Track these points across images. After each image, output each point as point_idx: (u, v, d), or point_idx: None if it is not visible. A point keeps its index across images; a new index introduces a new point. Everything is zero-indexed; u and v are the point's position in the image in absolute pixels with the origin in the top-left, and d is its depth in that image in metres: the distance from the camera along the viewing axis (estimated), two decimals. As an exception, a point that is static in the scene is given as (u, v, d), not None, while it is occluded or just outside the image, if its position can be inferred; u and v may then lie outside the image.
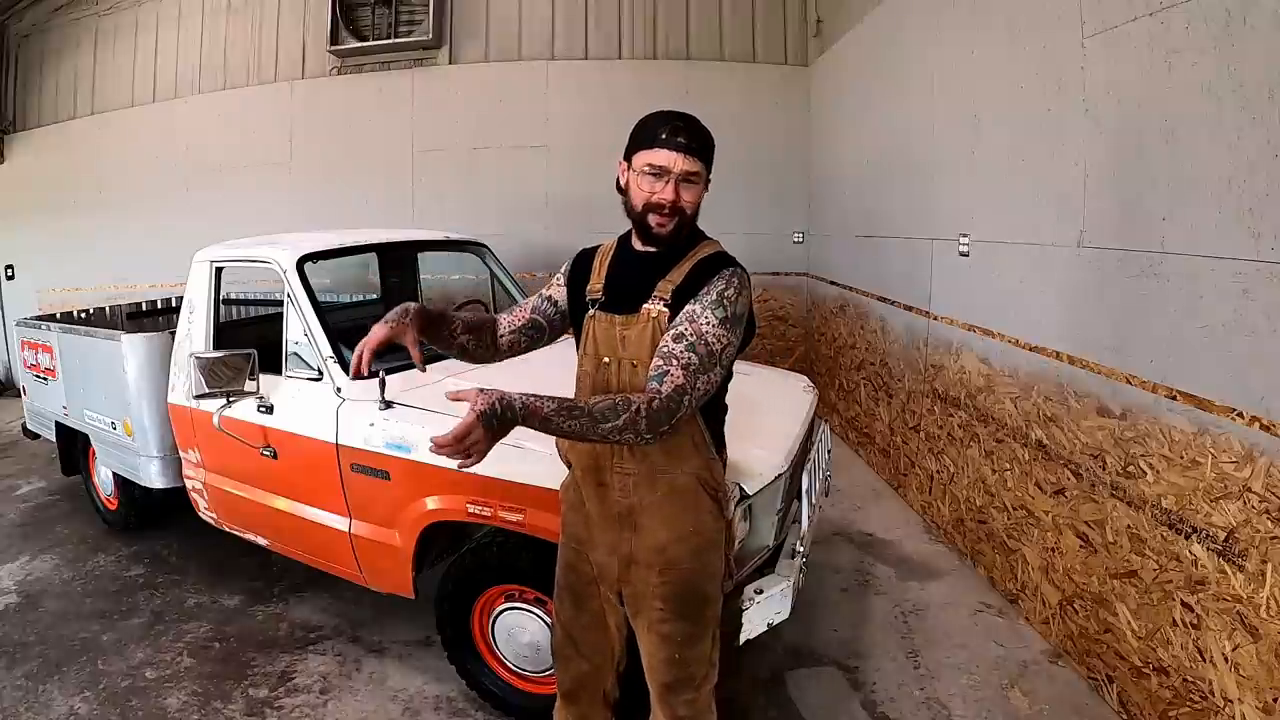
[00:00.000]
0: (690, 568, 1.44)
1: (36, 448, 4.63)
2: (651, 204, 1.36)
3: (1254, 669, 1.66)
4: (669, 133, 1.34)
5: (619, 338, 1.41)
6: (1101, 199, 2.20)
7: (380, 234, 3.45)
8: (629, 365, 1.40)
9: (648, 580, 1.44)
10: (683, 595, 1.44)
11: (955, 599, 2.84)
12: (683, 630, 1.45)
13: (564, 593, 1.57)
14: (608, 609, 1.53)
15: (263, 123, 5.92)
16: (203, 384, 2.41)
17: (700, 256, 1.42)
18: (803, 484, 2.17)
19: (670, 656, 1.45)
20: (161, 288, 5.37)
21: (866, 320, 4.34)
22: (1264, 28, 1.61)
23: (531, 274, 5.20)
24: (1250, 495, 1.66)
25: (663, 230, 1.37)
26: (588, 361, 1.45)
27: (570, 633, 1.56)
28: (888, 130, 3.99)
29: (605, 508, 1.46)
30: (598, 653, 1.56)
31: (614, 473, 1.44)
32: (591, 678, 1.58)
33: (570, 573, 1.55)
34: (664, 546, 1.43)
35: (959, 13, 3.07)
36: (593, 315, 1.45)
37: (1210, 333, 1.79)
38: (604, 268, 1.50)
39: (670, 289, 1.38)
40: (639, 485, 1.42)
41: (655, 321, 1.38)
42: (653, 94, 5.28)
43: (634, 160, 1.38)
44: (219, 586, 3.06)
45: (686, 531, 1.43)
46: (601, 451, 1.44)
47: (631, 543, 1.45)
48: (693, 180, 1.36)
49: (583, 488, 1.49)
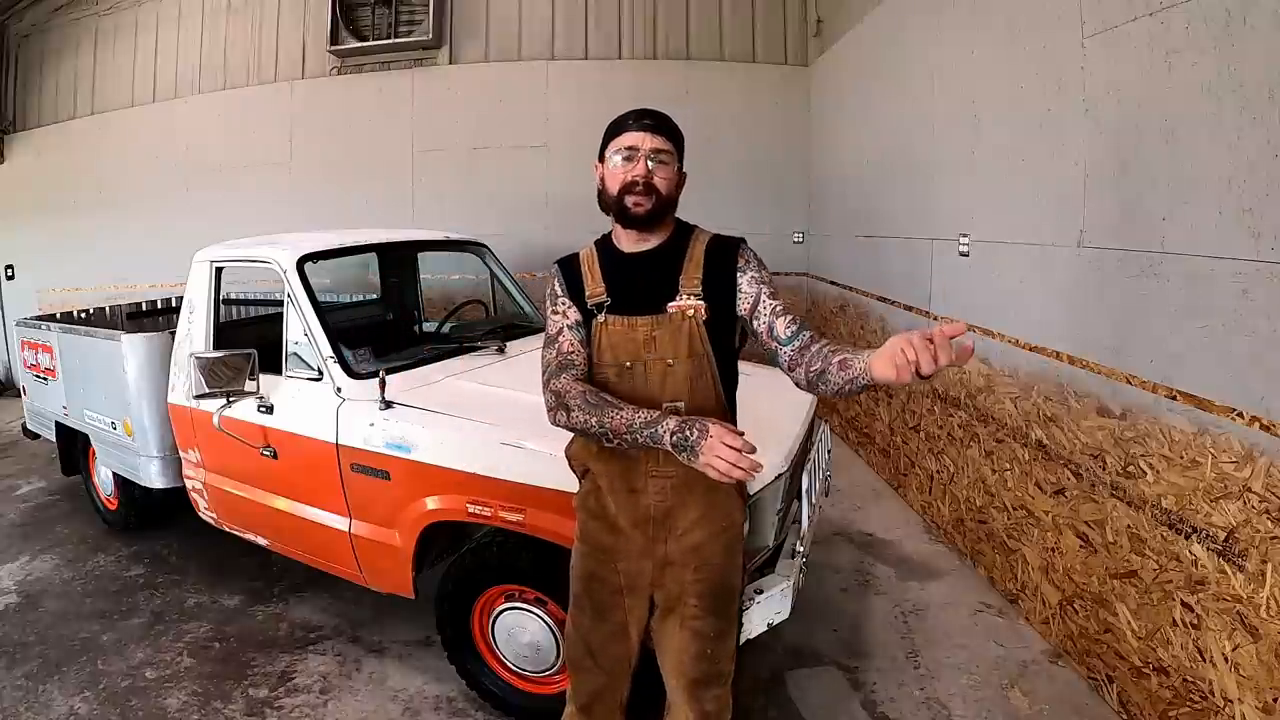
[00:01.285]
0: (722, 564, 1.47)
1: (36, 448, 4.63)
2: (626, 183, 1.39)
3: (1254, 669, 1.66)
4: (635, 117, 1.42)
5: (644, 339, 1.41)
6: (1101, 199, 2.20)
7: (380, 234, 3.45)
8: (661, 365, 1.40)
9: (682, 579, 1.45)
10: (716, 591, 1.46)
11: (955, 599, 2.84)
12: (715, 626, 1.46)
13: (584, 603, 1.53)
14: (631, 620, 1.50)
15: (263, 123, 5.92)
16: (203, 384, 2.41)
17: (704, 242, 1.46)
18: (803, 484, 2.17)
19: (702, 652, 1.46)
20: (161, 288, 5.38)
21: (867, 320, 4.34)
22: (1264, 28, 1.61)
23: (531, 274, 5.20)
24: (1250, 495, 1.66)
25: (640, 209, 1.39)
26: (607, 370, 1.44)
27: (589, 644, 1.52)
28: (888, 130, 3.99)
29: (638, 513, 1.45)
30: (617, 664, 1.53)
31: (650, 478, 1.43)
32: (608, 689, 1.55)
33: (593, 583, 1.51)
34: (700, 545, 1.44)
35: (959, 13, 3.07)
36: (603, 321, 1.44)
37: (1210, 333, 1.79)
38: (597, 272, 1.49)
39: (697, 280, 1.41)
40: (678, 488, 1.42)
41: (692, 319, 1.40)
42: (653, 94, 5.27)
43: (606, 155, 1.44)
44: (219, 586, 3.06)
45: (719, 528, 1.46)
46: (634, 458, 1.43)
47: (668, 545, 1.44)
48: (664, 160, 1.40)
49: (609, 496, 1.47)
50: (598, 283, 1.47)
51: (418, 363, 2.59)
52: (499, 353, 2.79)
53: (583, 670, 1.55)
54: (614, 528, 1.47)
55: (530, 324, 3.27)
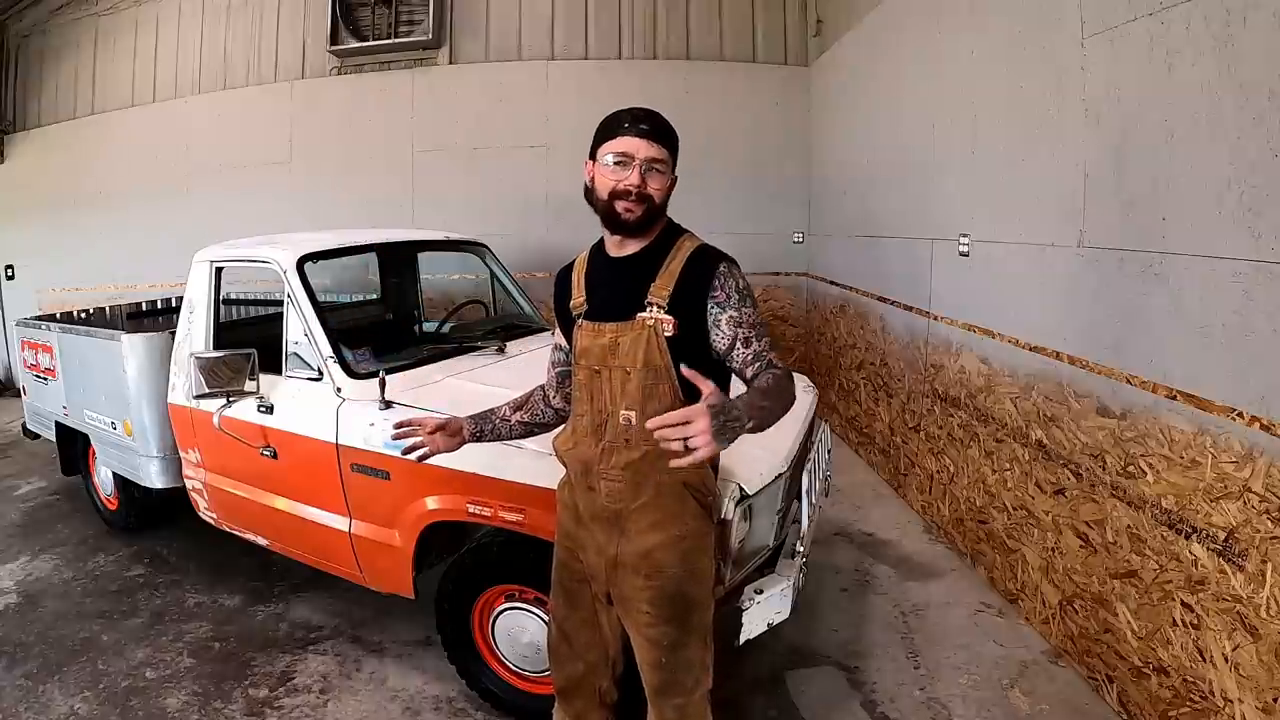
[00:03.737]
0: (676, 572, 1.42)
1: (36, 448, 4.63)
2: (618, 190, 1.35)
3: (1254, 669, 1.66)
4: (630, 121, 1.36)
5: (610, 345, 1.40)
6: (1101, 199, 2.20)
7: (380, 234, 3.45)
8: (621, 372, 1.39)
9: (634, 584, 1.43)
10: (669, 599, 1.43)
11: (955, 599, 2.84)
12: (669, 634, 1.43)
13: (558, 590, 1.58)
14: (599, 608, 1.53)
15: (263, 123, 5.92)
16: (203, 384, 2.41)
17: (685, 254, 1.40)
18: (803, 484, 2.17)
19: (657, 660, 1.45)
20: (161, 288, 5.38)
21: (866, 320, 4.34)
22: (1264, 28, 1.61)
23: (531, 274, 5.20)
24: (1250, 495, 1.66)
25: (631, 216, 1.36)
26: (582, 372, 1.46)
27: (564, 630, 1.57)
28: (888, 130, 3.99)
29: (594, 510, 1.46)
30: (591, 650, 1.56)
31: (602, 478, 1.43)
32: (586, 676, 1.58)
33: (563, 570, 1.56)
34: (649, 551, 1.42)
35: (959, 13, 3.07)
36: (580, 325, 1.45)
37: (1210, 333, 1.79)
38: (582, 279, 1.50)
39: (666, 294, 1.37)
40: (625, 491, 1.41)
41: (652, 329, 1.36)
42: (653, 94, 5.28)
43: (598, 154, 1.40)
44: (219, 586, 3.06)
45: (673, 536, 1.42)
46: (590, 455, 1.44)
47: (618, 546, 1.44)
48: (658, 168, 1.36)
49: (575, 489, 1.50)
50: (580, 291, 1.49)
51: (418, 363, 2.59)
52: (499, 353, 2.79)
53: (561, 656, 1.59)
54: (579, 519, 1.50)
55: (530, 324, 3.27)
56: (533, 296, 3.56)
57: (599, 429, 1.43)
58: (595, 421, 1.44)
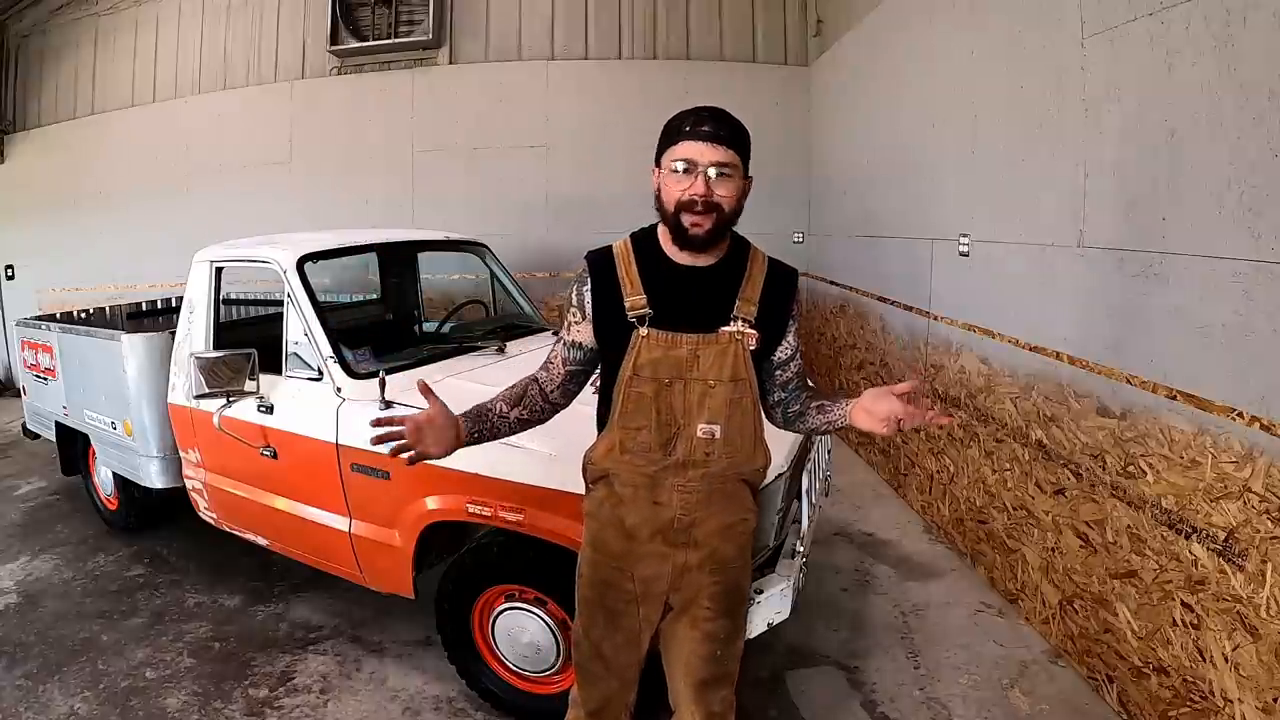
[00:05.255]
0: (737, 565, 1.47)
1: (36, 448, 4.63)
2: (683, 202, 1.26)
3: (1254, 669, 1.66)
4: (694, 123, 1.27)
5: (688, 358, 1.34)
6: (1101, 199, 2.20)
7: (380, 234, 3.45)
8: (701, 385, 1.34)
9: (700, 582, 1.44)
10: (728, 593, 1.45)
11: (955, 599, 2.84)
12: (726, 627, 1.46)
13: (596, 611, 1.49)
14: (643, 627, 1.47)
15: (263, 122, 5.92)
16: (203, 384, 2.41)
17: (762, 265, 1.41)
18: (803, 484, 2.17)
19: (712, 653, 1.45)
20: (161, 288, 5.38)
21: (866, 320, 4.34)
22: (1264, 28, 1.61)
23: (531, 274, 5.20)
24: (1250, 495, 1.66)
25: (699, 231, 1.28)
26: (644, 384, 1.35)
27: (601, 651, 1.49)
28: (888, 130, 3.99)
29: (660, 524, 1.41)
30: (628, 670, 1.52)
31: (676, 491, 1.39)
32: (618, 695, 1.54)
33: (606, 590, 1.47)
34: (717, 548, 1.43)
35: (959, 13, 3.07)
36: (645, 335, 1.34)
37: (1210, 333, 1.79)
38: (635, 277, 1.37)
39: (753, 309, 1.36)
40: (699, 501, 1.40)
41: (740, 344, 1.34)
42: (653, 94, 5.29)
43: (662, 161, 1.32)
44: (219, 586, 3.06)
45: (736, 531, 1.45)
46: (657, 470, 1.38)
47: (688, 553, 1.42)
48: (726, 173, 1.27)
49: (629, 505, 1.42)
50: (637, 291, 1.35)
51: (418, 363, 2.59)
52: (499, 353, 2.79)
53: (594, 676, 1.52)
54: (629, 536, 1.43)
55: (530, 324, 3.27)
56: (533, 296, 3.56)
57: (668, 443, 1.37)
58: (664, 436, 1.36)
